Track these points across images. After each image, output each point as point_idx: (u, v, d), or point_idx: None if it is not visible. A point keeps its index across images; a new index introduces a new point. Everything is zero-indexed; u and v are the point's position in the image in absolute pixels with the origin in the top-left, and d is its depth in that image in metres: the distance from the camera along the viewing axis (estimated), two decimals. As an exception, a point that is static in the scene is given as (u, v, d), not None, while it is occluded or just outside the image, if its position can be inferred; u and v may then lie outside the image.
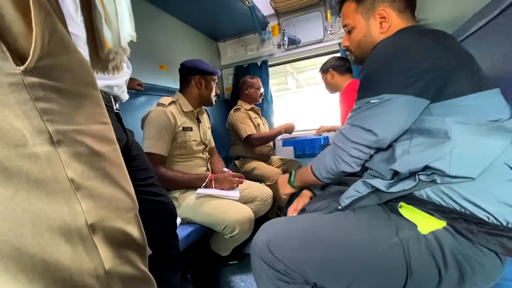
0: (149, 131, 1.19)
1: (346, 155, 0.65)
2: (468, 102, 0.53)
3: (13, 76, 0.23)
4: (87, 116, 0.29)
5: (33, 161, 0.23)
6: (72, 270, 0.24)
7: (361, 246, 0.57)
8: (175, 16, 1.93)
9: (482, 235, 0.49)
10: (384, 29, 0.69)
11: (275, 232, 0.66)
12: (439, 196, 0.55)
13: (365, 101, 0.61)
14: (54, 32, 0.26)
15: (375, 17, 0.70)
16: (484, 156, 0.50)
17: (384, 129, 0.58)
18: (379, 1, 0.69)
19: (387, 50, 0.60)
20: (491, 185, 0.50)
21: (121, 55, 0.39)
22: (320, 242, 0.61)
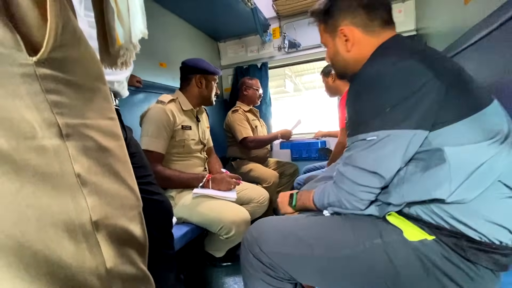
0: (147, 128, 1.17)
1: (354, 199, 0.60)
2: (465, 126, 0.51)
3: (25, 66, 0.22)
4: (96, 110, 0.28)
5: (41, 154, 0.23)
6: (74, 268, 0.24)
7: (342, 244, 0.58)
8: (177, 14, 1.93)
9: (473, 251, 0.49)
10: (349, 47, 0.68)
11: (264, 228, 0.69)
12: (429, 216, 0.54)
13: (359, 138, 0.58)
14: (67, 24, 0.25)
15: (339, 36, 0.69)
16: (481, 180, 0.49)
17: (388, 169, 0.55)
18: (339, 21, 0.68)
19: (373, 78, 0.57)
20: (483, 206, 0.50)
21: (131, 51, 0.39)
22: (304, 239, 0.62)
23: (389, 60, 0.56)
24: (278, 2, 2.01)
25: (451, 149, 0.50)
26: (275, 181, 1.82)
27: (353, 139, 0.60)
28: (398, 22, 0.77)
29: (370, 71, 0.58)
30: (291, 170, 2.10)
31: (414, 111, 0.51)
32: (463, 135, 0.50)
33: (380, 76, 0.56)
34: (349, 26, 0.67)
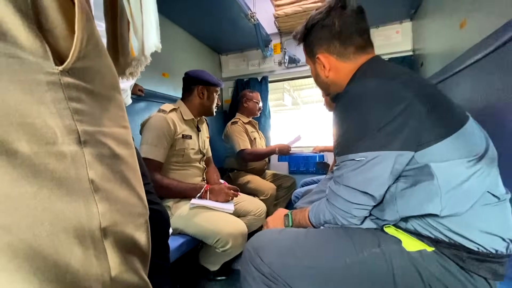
0: (147, 136, 1.17)
1: (349, 216, 0.62)
2: (448, 145, 0.53)
3: (51, 75, 0.23)
4: (111, 118, 0.29)
5: (60, 160, 0.23)
6: (81, 274, 0.24)
7: (343, 253, 0.59)
8: (181, 26, 1.98)
9: (472, 262, 0.51)
10: (326, 73, 0.73)
11: (264, 239, 0.69)
12: (427, 230, 0.55)
13: (349, 158, 0.60)
14: (91, 36, 0.26)
15: (318, 63, 0.74)
16: (471, 194, 0.51)
17: (377, 189, 0.58)
18: (316, 48, 0.72)
19: (357, 100, 0.59)
20: (476, 217, 0.52)
21: (142, 63, 0.40)
22: (303, 249, 0.63)
23: (371, 83, 0.60)
24: (280, 19, 2.07)
25: (437, 165, 0.53)
26: (273, 193, 1.81)
27: (342, 158, 0.62)
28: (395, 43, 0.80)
29: (353, 93, 0.61)
30: (288, 183, 2.09)
31: (399, 133, 0.54)
32: (447, 152, 0.53)
33: (364, 98, 0.58)
34: (325, 54, 0.71)
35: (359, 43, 0.68)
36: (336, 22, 0.67)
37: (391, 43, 2.03)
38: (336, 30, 0.68)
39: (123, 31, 0.38)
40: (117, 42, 0.40)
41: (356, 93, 0.60)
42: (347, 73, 0.69)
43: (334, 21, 0.68)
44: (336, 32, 0.68)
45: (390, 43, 2.04)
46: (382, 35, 2.06)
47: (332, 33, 0.69)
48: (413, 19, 1.95)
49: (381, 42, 2.06)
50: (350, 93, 0.62)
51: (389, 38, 2.04)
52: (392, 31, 2.03)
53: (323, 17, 0.70)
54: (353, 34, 0.68)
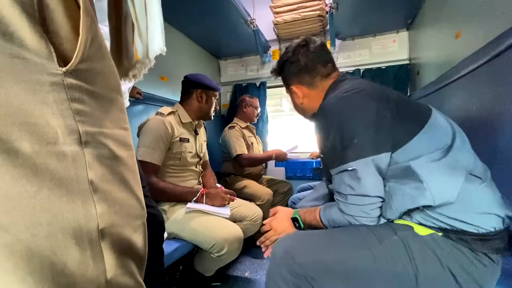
0: (145, 139, 1.17)
1: (367, 219, 0.65)
2: (420, 141, 0.60)
3: (55, 76, 0.24)
4: (112, 120, 0.29)
5: (60, 160, 0.23)
6: (77, 276, 0.23)
7: (367, 244, 0.62)
8: (181, 31, 1.99)
9: (476, 243, 0.56)
10: (301, 101, 0.85)
11: (293, 241, 0.71)
12: (430, 221, 0.60)
13: (342, 169, 0.65)
14: (95, 38, 0.27)
15: (293, 93, 0.85)
16: (455, 182, 0.56)
17: (377, 188, 0.63)
18: (290, 81, 0.85)
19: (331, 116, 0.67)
20: (468, 200, 0.56)
21: (146, 66, 0.40)
22: (332, 246, 0.65)
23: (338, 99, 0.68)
24: (279, 26, 2.10)
25: (415, 162, 0.59)
26: (269, 199, 1.81)
27: (335, 170, 0.68)
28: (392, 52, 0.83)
29: (325, 110, 0.70)
30: (285, 188, 2.09)
31: (376, 138, 0.62)
32: (420, 148, 0.60)
33: (336, 112, 0.67)
34: (297, 85, 0.83)
35: (323, 72, 0.79)
36: (301, 58, 0.79)
37: (388, 52, 2.07)
38: (302, 65, 0.79)
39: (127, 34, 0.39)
40: (121, 45, 0.40)
41: (328, 109, 0.69)
42: (318, 97, 0.80)
43: (299, 58, 0.79)
44: (303, 66, 0.79)
45: (387, 52, 2.07)
46: (379, 43, 2.09)
47: (299, 68, 0.80)
48: (409, 28, 1.99)
49: (378, 50, 2.10)
50: (322, 110, 0.72)
51: (386, 47, 2.08)
52: (389, 40, 2.07)
53: (290, 55, 0.82)
54: (317, 66, 0.79)
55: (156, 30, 0.38)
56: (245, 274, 1.53)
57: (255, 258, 1.73)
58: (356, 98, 0.65)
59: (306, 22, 2.04)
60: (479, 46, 0.92)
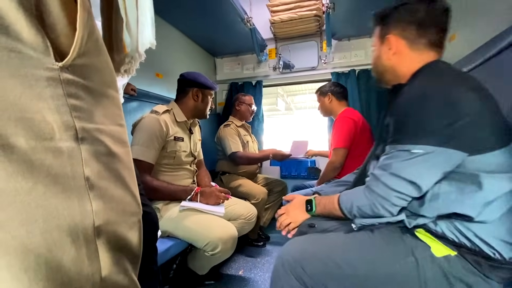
0: (139, 137, 1.16)
1: (388, 204, 0.63)
2: (498, 156, 0.56)
3: (51, 70, 0.23)
4: (108, 116, 0.29)
5: (56, 156, 0.23)
6: (72, 274, 0.23)
7: (382, 263, 0.61)
8: (177, 28, 1.97)
9: (488, 267, 0.56)
10: (390, 56, 0.73)
11: (304, 248, 0.69)
12: (453, 233, 0.59)
13: (403, 149, 0.60)
14: (92, 33, 0.27)
15: (386, 43, 0.74)
16: (503, 205, 0.55)
17: (427, 182, 0.59)
18: (390, 29, 0.73)
19: (426, 93, 0.60)
20: (501, 226, 0.56)
21: (137, 60, 0.40)
22: (344, 259, 0.64)
23: (442, 84, 0.60)
24: (276, 25, 2.10)
25: (486, 175, 0.55)
26: (264, 197, 1.81)
27: (395, 147, 0.63)
28: None
29: (423, 90, 0.61)
30: (280, 187, 2.10)
31: (462, 134, 0.56)
32: (496, 163, 0.56)
33: (434, 96, 0.59)
34: (397, 36, 0.71)
35: (434, 38, 0.69)
36: (422, 9, 0.68)
37: (383, 53, 2.09)
38: (419, 16, 0.68)
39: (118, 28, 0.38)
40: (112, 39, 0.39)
41: (427, 90, 0.61)
42: (409, 63, 0.70)
43: (421, 8, 0.68)
44: (419, 18, 0.68)
45: (382, 53, 2.09)
46: (374, 45, 2.11)
47: (414, 18, 0.69)
48: (404, 31, 2.01)
49: (373, 51, 2.12)
50: (415, 89, 0.63)
51: (381, 48, 2.09)
52: (384, 42, 2.08)
53: (412, 1, 0.70)
54: (432, 27, 0.68)
55: (147, 24, 0.38)
56: (239, 272, 1.54)
57: (249, 256, 1.74)
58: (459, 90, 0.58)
59: (303, 22, 2.04)
60: (473, 49, 0.93)
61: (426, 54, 0.69)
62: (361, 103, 2.12)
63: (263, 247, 1.88)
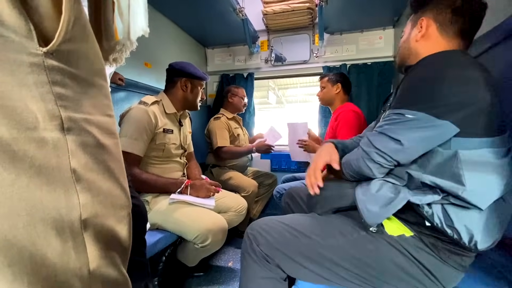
0: (127, 129, 1.13)
1: (367, 158, 0.66)
2: (485, 145, 0.56)
3: (35, 56, 0.22)
4: (96, 106, 0.28)
5: (40, 147, 0.22)
6: (58, 267, 0.23)
7: (333, 233, 0.69)
8: (167, 16, 1.91)
9: (444, 251, 0.60)
10: (418, 38, 0.73)
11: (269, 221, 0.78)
12: (439, 218, 0.59)
13: (398, 112, 0.62)
14: (79, 18, 0.25)
15: (417, 26, 0.74)
16: (492, 193, 0.56)
17: (411, 143, 0.60)
18: (426, 12, 0.73)
19: (438, 66, 0.61)
20: (487, 215, 0.56)
21: (128, 48, 0.38)
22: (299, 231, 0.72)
23: (457, 66, 0.60)
24: (268, 16, 2.07)
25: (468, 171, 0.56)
26: (254, 190, 1.82)
27: (391, 111, 0.65)
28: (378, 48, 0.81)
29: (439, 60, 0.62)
30: (270, 180, 2.11)
31: (462, 110, 0.56)
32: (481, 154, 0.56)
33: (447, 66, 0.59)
34: (430, 19, 0.71)
35: (465, 28, 0.69)
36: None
37: (374, 48, 2.10)
38: (456, 3, 0.68)
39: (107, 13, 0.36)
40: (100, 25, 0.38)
41: (434, 67, 0.62)
42: (434, 47, 0.70)
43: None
44: (456, 6, 0.68)
45: (373, 48, 2.11)
46: (365, 39, 2.12)
47: (450, 3, 0.69)
48: (395, 26, 2.02)
49: (364, 46, 2.13)
50: (427, 65, 0.64)
51: (372, 43, 2.11)
52: (375, 37, 2.10)
53: None
54: (466, 17, 0.68)
55: (139, 10, 0.36)
56: (228, 264, 1.55)
57: (239, 248, 1.75)
58: (471, 73, 0.58)
59: (295, 14, 2.02)
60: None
61: (454, 41, 0.70)
62: (351, 98, 2.14)
63: (252, 239, 1.90)
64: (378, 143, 0.65)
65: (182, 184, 1.21)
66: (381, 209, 0.62)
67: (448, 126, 0.57)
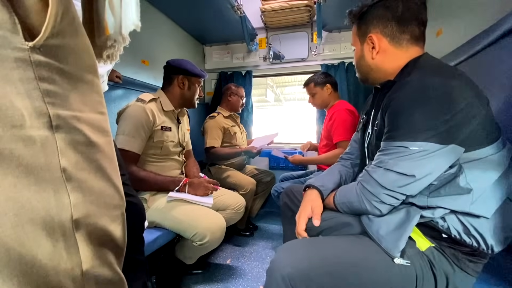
0: (124, 126, 1.12)
1: (376, 201, 0.63)
2: (489, 152, 0.56)
3: (20, 51, 0.21)
4: (87, 103, 0.27)
5: (28, 145, 0.21)
6: (49, 268, 0.22)
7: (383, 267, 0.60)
8: (165, 13, 1.90)
9: (464, 261, 0.59)
10: (373, 55, 0.72)
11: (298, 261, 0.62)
12: (457, 230, 0.58)
13: (401, 145, 0.59)
14: (67, 11, 0.24)
15: (367, 43, 0.72)
16: (497, 197, 0.56)
17: (425, 175, 0.58)
18: (371, 27, 0.71)
19: (425, 88, 0.57)
20: (495, 220, 0.56)
21: (120, 44, 0.37)
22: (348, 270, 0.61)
23: (434, 79, 0.58)
24: (266, 13, 2.06)
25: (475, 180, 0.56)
26: (252, 188, 1.82)
27: (390, 143, 0.61)
28: None
29: (416, 85, 0.59)
30: (268, 178, 2.11)
31: (459, 130, 0.55)
32: (485, 160, 0.56)
33: (428, 92, 0.57)
34: (378, 34, 0.70)
35: (415, 32, 0.67)
36: (400, 5, 0.67)
37: (372, 46, 2.09)
38: (398, 13, 0.67)
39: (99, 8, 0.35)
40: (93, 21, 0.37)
41: (420, 85, 0.58)
42: (394, 60, 0.69)
43: (398, 4, 0.67)
44: (397, 15, 0.67)
45: (371, 46, 2.10)
46: (364, 37, 2.11)
47: (393, 15, 0.67)
48: (393, 24, 2.02)
49: (363, 44, 2.12)
50: (413, 84, 0.60)
51: (371, 41, 2.10)
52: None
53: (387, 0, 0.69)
54: (413, 21, 0.67)
55: (131, 4, 0.35)
56: (226, 261, 1.55)
57: (237, 246, 1.76)
58: (452, 84, 0.56)
59: (294, 12, 2.01)
60: (459, 44, 0.95)
61: (411, 49, 0.68)
62: (350, 96, 2.14)
63: (251, 237, 1.90)
64: (387, 183, 0.60)
65: (180, 182, 1.21)
66: (395, 231, 0.60)
67: (455, 149, 0.55)
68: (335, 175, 0.89)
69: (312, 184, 0.83)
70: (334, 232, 0.73)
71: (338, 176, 0.88)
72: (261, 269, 1.47)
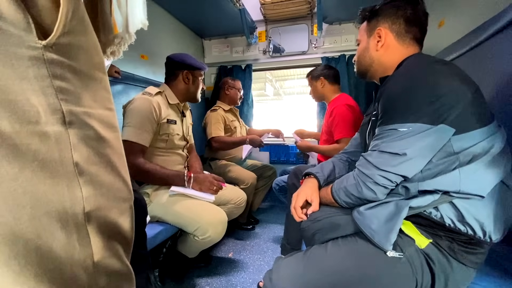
0: (131, 119, 1.12)
1: (370, 182, 0.64)
2: (482, 134, 0.58)
3: (34, 49, 0.22)
4: (96, 99, 0.28)
5: (43, 140, 0.22)
6: (63, 259, 0.23)
7: (383, 267, 0.63)
8: (163, 7, 1.87)
9: (461, 253, 0.60)
10: (378, 47, 0.78)
11: (297, 277, 0.67)
12: (450, 218, 0.60)
13: (391, 128, 0.62)
14: (77, 10, 0.25)
15: (374, 36, 0.79)
16: (490, 175, 0.57)
17: (417, 154, 0.59)
18: (380, 22, 0.78)
19: (411, 76, 0.62)
20: (491, 202, 0.57)
21: (126, 41, 0.38)
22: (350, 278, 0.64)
23: (423, 67, 0.64)
24: (266, 6, 2.03)
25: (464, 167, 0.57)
26: (253, 182, 1.83)
27: (382, 128, 0.65)
28: None
29: (413, 67, 0.65)
30: (269, 172, 2.12)
31: (452, 110, 0.57)
32: (476, 143, 0.58)
33: (418, 77, 0.61)
34: (386, 29, 0.77)
35: (417, 35, 0.75)
36: (409, 8, 0.74)
37: (373, 39, 2.08)
38: (406, 13, 0.74)
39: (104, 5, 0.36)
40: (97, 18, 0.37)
41: (407, 74, 0.65)
42: (396, 55, 0.75)
43: (407, 7, 0.74)
44: (406, 15, 0.74)
45: (372, 39, 2.08)
46: (365, 30, 2.09)
47: (402, 14, 0.75)
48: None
49: (363, 36, 2.10)
50: (401, 73, 0.66)
51: (372, 34, 2.08)
52: (375, 27, 2.07)
53: (399, 1, 0.76)
54: (417, 25, 0.75)
55: (138, 2, 0.35)
56: (228, 255, 1.57)
57: (239, 239, 1.77)
58: (439, 69, 0.60)
59: (294, 4, 1.99)
60: (462, 35, 0.94)
61: (410, 48, 0.75)
62: (350, 89, 2.13)
63: (252, 230, 1.92)
64: (381, 164, 0.63)
65: (185, 176, 1.21)
66: (386, 224, 0.61)
67: (444, 129, 0.57)
68: (329, 164, 0.96)
69: (310, 172, 0.90)
70: (329, 232, 0.75)
71: (332, 166, 0.95)
72: (263, 262, 1.49)
